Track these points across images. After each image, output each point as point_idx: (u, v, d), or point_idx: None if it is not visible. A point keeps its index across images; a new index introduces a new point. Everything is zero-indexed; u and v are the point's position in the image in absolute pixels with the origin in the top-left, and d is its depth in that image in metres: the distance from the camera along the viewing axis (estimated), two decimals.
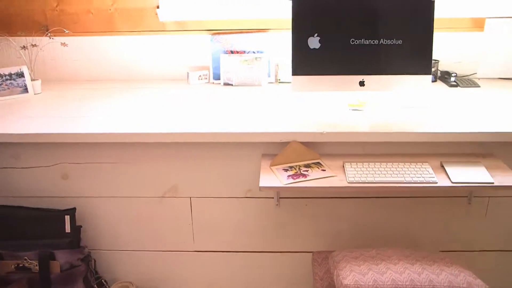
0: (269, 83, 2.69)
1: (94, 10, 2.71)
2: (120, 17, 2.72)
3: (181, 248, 2.34)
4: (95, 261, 2.34)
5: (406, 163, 1.99)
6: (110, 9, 2.70)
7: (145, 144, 2.13)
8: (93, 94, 2.56)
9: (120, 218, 2.29)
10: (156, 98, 2.48)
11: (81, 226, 2.27)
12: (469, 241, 2.30)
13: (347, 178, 1.90)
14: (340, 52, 2.14)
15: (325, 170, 1.95)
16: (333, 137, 2.00)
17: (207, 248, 2.34)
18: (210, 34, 2.71)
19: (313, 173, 1.93)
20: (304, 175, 1.91)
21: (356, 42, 2.15)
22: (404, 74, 2.16)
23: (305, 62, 2.14)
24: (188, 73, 2.74)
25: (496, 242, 2.32)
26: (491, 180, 1.90)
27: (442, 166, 2.00)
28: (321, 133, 2.00)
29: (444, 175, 1.93)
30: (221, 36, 2.71)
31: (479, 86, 2.61)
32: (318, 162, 2.01)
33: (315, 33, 2.13)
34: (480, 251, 2.33)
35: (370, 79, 2.17)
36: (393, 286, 1.70)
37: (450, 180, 1.90)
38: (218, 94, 2.55)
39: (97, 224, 2.30)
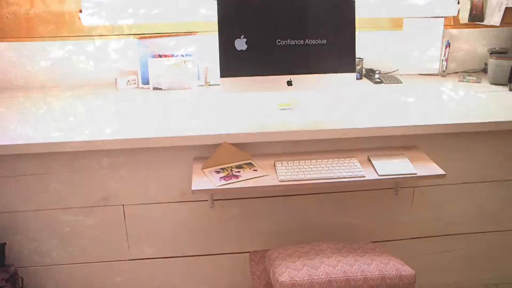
0: (199, 86, 2.68)
1: (11, 14, 2.59)
2: (40, 22, 2.61)
3: (116, 257, 2.28)
4: (22, 279, 2.23)
5: (335, 159, 2.04)
6: (28, 13, 2.59)
7: (71, 153, 2.06)
8: (23, 102, 2.45)
9: (48, 232, 2.20)
10: (83, 104, 2.41)
11: (5, 244, 2.16)
12: (398, 230, 2.40)
13: (278, 176, 1.93)
14: (267, 53, 2.17)
15: (256, 170, 1.97)
16: (263, 137, 2.03)
17: (143, 256, 2.29)
18: (137, 38, 2.67)
19: (245, 173, 1.94)
20: (236, 176, 1.92)
21: (282, 42, 2.18)
22: (330, 73, 2.23)
23: (232, 64, 2.15)
24: (116, 78, 2.68)
25: (423, 229, 2.43)
26: (414, 171, 1.99)
27: (369, 160, 2.07)
28: (253, 134, 2.02)
29: (371, 169, 2.01)
30: (148, 40, 2.67)
31: (401, 82, 2.73)
32: (250, 163, 2.03)
33: (242, 35, 2.15)
34: (408, 239, 2.43)
35: (298, 79, 2.21)
36: (327, 279, 1.75)
37: (377, 173, 1.97)
38: (148, 98, 2.51)
39: (23, 240, 2.20)
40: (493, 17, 2.74)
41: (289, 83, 2.20)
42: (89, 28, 2.65)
